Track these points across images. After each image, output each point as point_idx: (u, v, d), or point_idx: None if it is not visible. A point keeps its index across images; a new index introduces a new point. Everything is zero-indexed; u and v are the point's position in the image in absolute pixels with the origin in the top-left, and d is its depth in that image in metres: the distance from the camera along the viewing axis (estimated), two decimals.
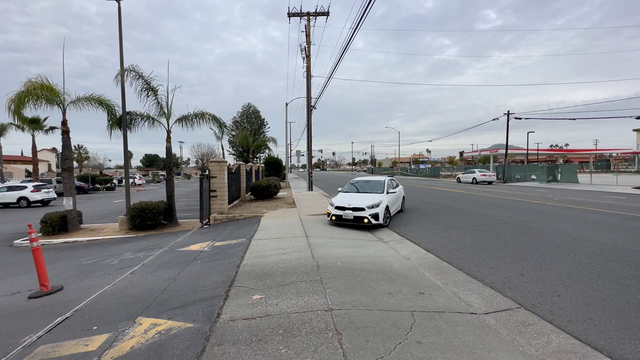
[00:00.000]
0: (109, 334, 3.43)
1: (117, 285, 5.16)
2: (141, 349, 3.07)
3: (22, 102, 9.68)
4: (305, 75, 20.90)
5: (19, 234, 10.56)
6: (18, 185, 21.51)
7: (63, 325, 3.81)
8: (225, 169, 12.00)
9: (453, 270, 5.32)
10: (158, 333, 3.36)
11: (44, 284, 5.08)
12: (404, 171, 62.72)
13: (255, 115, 48.82)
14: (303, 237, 7.56)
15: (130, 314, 3.90)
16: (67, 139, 10.64)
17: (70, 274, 6.22)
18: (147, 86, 11.01)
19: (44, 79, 10.12)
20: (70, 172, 10.73)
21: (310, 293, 4.13)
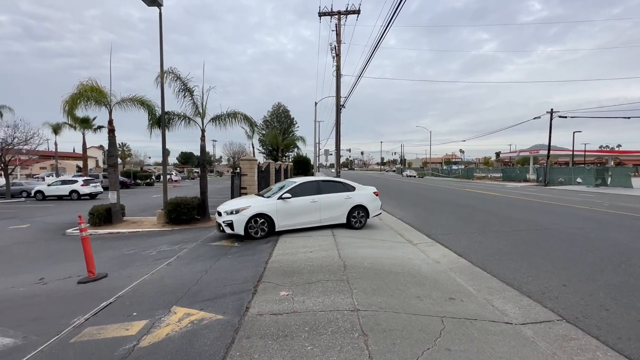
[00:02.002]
0: (147, 321, 3.65)
1: (155, 275, 5.48)
2: (175, 337, 3.23)
3: (74, 103, 10.55)
4: (335, 74, 20.87)
5: (70, 224, 11.53)
6: (70, 179, 23.54)
7: (107, 310, 4.11)
8: (255, 167, 12.31)
9: (486, 276, 5.07)
10: (191, 322, 3.53)
11: (91, 271, 5.51)
12: (435, 172, 60.75)
13: (285, 115, 49.62)
14: (330, 236, 7.57)
15: (166, 303, 4.13)
16: (113, 137, 11.44)
17: (114, 262, 6.69)
18: (184, 87, 11.55)
19: (93, 81, 10.96)
20: (115, 168, 11.55)
21: (336, 292, 4.13)
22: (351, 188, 8.77)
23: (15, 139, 22.23)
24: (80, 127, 30.78)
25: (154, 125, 12.13)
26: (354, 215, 8.48)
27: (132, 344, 3.15)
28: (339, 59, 20.66)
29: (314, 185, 8.51)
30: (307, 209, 8.09)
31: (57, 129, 34.09)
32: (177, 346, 3.05)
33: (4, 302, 4.84)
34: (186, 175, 58.30)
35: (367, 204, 8.63)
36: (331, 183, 8.81)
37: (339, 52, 20.65)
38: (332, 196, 8.40)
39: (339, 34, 20.46)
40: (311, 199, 8.16)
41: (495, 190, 23.05)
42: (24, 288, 5.47)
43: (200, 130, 12.07)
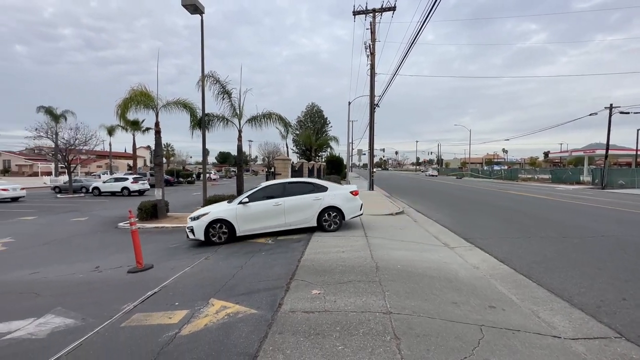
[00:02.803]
0: (188, 311, 3.88)
1: (195, 268, 5.80)
2: (213, 328, 3.40)
3: (126, 106, 11.48)
4: (369, 73, 20.62)
5: (122, 217, 12.56)
6: (122, 177, 25.67)
7: (153, 298, 4.43)
8: (289, 167, 12.55)
9: (532, 285, 4.73)
10: (227, 315, 3.69)
11: (139, 262, 5.97)
12: (475, 172, 57.70)
13: (318, 115, 49.96)
14: (362, 236, 7.50)
15: (205, 295, 4.35)
16: (159, 138, 12.27)
17: (159, 254, 7.18)
18: (222, 90, 12.10)
19: (142, 86, 11.84)
20: (160, 167, 12.39)
21: (368, 294, 4.08)
22: (322, 189, 8.24)
23: (77, 140, 24.71)
24: (130, 129, 33.39)
25: (195, 127, 12.82)
26: (326, 217, 8.03)
27: (174, 332, 3.36)
28: (373, 57, 20.39)
29: (280, 187, 8.19)
30: (270, 213, 7.80)
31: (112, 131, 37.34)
32: (215, 337, 3.21)
33: (68, 286, 5.41)
34: (224, 174, 60.92)
35: (341, 205, 8.07)
36: (300, 184, 8.43)
37: (373, 50, 20.38)
38: (297, 198, 7.97)
39: (373, 32, 20.19)
40: (274, 202, 7.84)
41: (542, 193, 21.38)
42: (83, 275, 6.07)
43: (237, 131, 12.55)
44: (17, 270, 6.55)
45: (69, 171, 24.97)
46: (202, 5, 11.26)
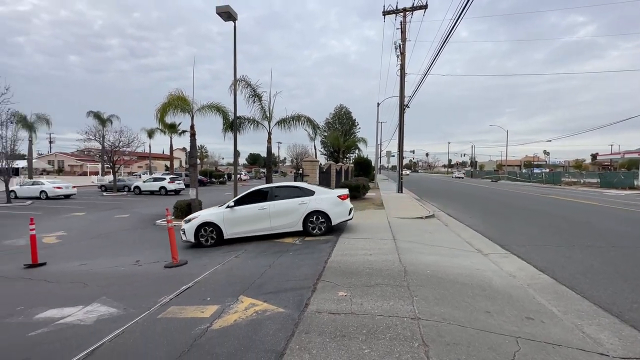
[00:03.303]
0: (218, 306, 4.03)
1: (225, 266, 6.01)
2: (242, 324, 3.51)
3: (165, 111, 12.17)
4: (399, 73, 20.26)
5: (159, 215, 13.31)
6: (160, 177, 27.21)
7: (186, 293, 4.65)
8: (317, 168, 12.64)
9: (575, 297, 4.39)
10: (255, 312, 3.79)
11: (174, 258, 6.30)
12: (512, 175, 54.56)
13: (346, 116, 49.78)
14: (390, 240, 7.38)
15: (235, 292, 4.50)
16: (194, 141, 12.87)
17: (192, 251, 7.52)
18: (253, 93, 12.46)
19: (179, 91, 12.49)
20: (194, 168, 12.98)
21: (396, 298, 4.01)
22: (310, 193, 8.18)
23: (121, 142, 26.58)
24: (168, 131, 35.33)
25: (227, 129, 13.31)
26: (312, 221, 7.99)
27: (206, 326, 3.51)
28: (403, 57, 20.02)
29: (267, 192, 8.27)
30: (256, 217, 7.88)
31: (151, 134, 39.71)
32: (243, 332, 3.31)
33: (111, 278, 5.83)
34: (254, 175, 62.55)
35: (327, 209, 7.98)
36: (287, 188, 8.41)
37: (403, 50, 20.01)
38: (283, 202, 8.00)
39: (403, 31, 19.82)
40: (259, 207, 7.92)
41: (589, 198, 19.76)
42: (124, 268, 6.51)
43: (267, 133, 12.86)
44: (69, 261, 7.16)
45: (114, 171, 26.89)
46: (235, 13, 11.68)
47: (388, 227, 8.94)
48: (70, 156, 60.26)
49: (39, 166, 47.92)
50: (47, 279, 5.84)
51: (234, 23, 12.03)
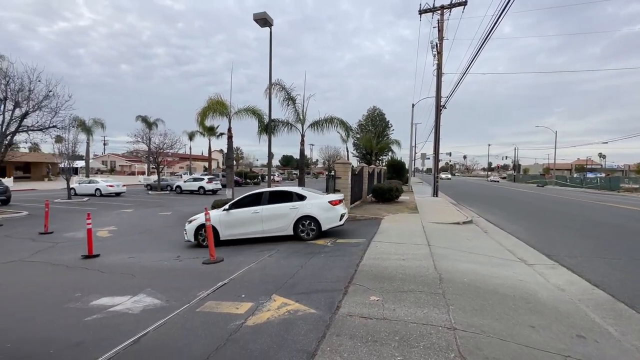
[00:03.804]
0: (252, 303, 4.16)
1: (259, 265, 6.19)
2: (274, 322, 3.59)
3: (205, 114, 12.84)
4: (436, 73, 19.62)
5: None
6: (199, 177, 28.69)
7: (223, 289, 4.85)
8: (349, 171, 12.59)
9: (636, 316, 3.96)
10: (288, 312, 3.86)
11: (212, 255, 6.60)
12: (562, 180, 50.34)
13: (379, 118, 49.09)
14: (425, 245, 7.15)
15: (268, 291, 4.62)
16: (231, 143, 13.44)
17: (228, 249, 7.82)
18: (288, 97, 12.73)
19: (218, 96, 13.12)
20: (231, 169, 13.55)
21: (430, 306, 3.88)
22: (301, 198, 8.25)
23: (165, 144, 28.39)
24: (207, 134, 37.15)
25: (262, 132, 13.71)
26: (302, 225, 8.04)
27: (240, 322, 3.64)
28: (440, 56, 19.36)
29: (261, 196, 8.40)
30: (249, 220, 8.08)
31: (192, 136, 42.00)
32: (276, 330, 3.39)
33: (156, 271, 6.25)
34: (286, 176, 63.72)
35: (317, 215, 8.00)
36: (280, 193, 8.47)
37: (440, 49, 19.35)
38: (275, 207, 8.14)
39: (441, 30, 19.18)
40: (253, 210, 8.09)
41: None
42: (167, 262, 6.94)
43: (300, 135, 13.06)
44: (119, 254, 7.78)
45: (158, 171, 28.79)
46: (271, 19, 12.03)
47: (422, 232, 8.67)
48: (120, 157, 65.52)
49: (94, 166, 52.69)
50: (100, 269, 6.39)
51: (270, 29, 12.39)
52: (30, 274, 6.28)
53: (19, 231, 10.61)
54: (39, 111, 13.84)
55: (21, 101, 13.34)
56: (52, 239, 9.51)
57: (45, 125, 14.29)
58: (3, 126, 13.40)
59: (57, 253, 7.85)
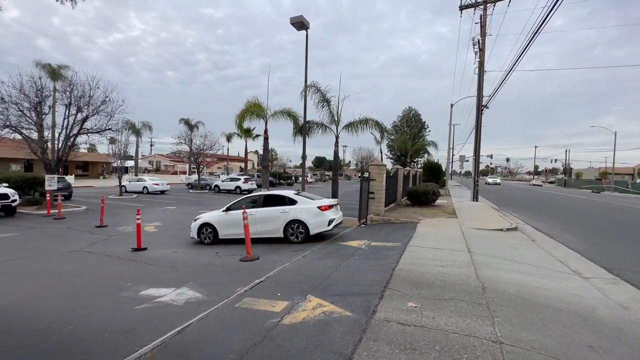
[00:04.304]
0: (288, 302, 4.22)
1: (293, 264, 6.26)
2: (310, 322, 3.61)
3: (243, 117, 13.32)
4: (477, 71, 18.67)
5: None
6: (235, 177, 29.81)
7: (259, 286, 4.97)
8: (384, 173, 12.36)
9: None
10: (323, 313, 3.86)
11: (249, 253, 6.81)
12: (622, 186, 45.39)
13: (415, 119, 47.78)
14: (465, 251, 6.80)
15: (303, 291, 4.65)
16: (267, 144, 13.80)
17: (263, 248, 8.01)
18: (323, 98, 12.81)
19: (255, 99, 13.54)
20: (266, 170, 13.91)
21: (473, 316, 3.67)
22: (292, 202, 8.51)
23: (205, 145, 29.86)
24: (244, 135, 38.40)
25: (297, 133, 13.92)
26: (292, 229, 8.31)
27: (277, 320, 3.70)
28: (482, 54, 18.41)
29: (257, 199, 8.84)
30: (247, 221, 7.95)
31: (229, 138, 43.78)
32: (312, 331, 3.40)
33: (197, 266, 6.57)
34: (319, 177, 64.11)
35: (305, 219, 8.24)
36: (273, 197, 8.83)
37: (482, 46, 18.40)
38: (267, 210, 8.51)
39: (483, 25, 18.24)
40: (248, 213, 8.04)
41: None
42: (207, 258, 7.27)
43: (335, 137, 13.07)
44: (164, 248, 8.29)
45: (198, 171, 30.34)
46: (307, 22, 12.19)
47: (462, 238, 8.26)
48: (165, 157, 69.99)
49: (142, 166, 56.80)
50: (148, 262, 6.85)
51: (306, 32, 12.55)
52: (88, 264, 6.90)
53: (78, 224, 11.72)
54: (97, 115, 15.23)
55: (82, 106, 14.77)
56: (106, 232, 10.37)
57: (102, 128, 15.68)
58: (67, 129, 14.91)
59: (110, 245, 8.55)
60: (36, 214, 13.72)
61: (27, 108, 14.14)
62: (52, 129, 15.49)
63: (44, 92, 14.55)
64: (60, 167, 15.64)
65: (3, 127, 13.82)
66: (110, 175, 44.49)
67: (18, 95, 13.82)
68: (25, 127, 14.38)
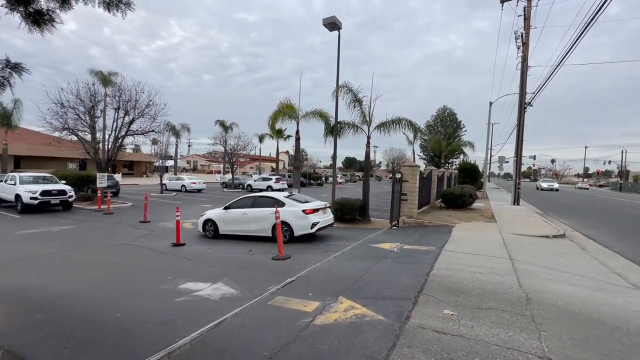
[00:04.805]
0: (319, 303, 4.22)
1: (324, 265, 6.27)
2: (342, 324, 3.58)
3: (275, 118, 13.56)
4: (520, 66, 17.57)
5: None
6: (267, 177, 30.53)
7: (291, 285, 5.03)
8: (417, 174, 12.02)
9: None
10: (355, 316, 3.81)
11: (280, 252, 6.91)
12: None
13: (450, 118, 46.00)
14: (506, 259, 6.41)
15: (334, 292, 4.64)
16: (298, 145, 13.94)
17: (294, 247, 8.10)
18: (354, 98, 12.68)
19: (288, 100, 13.73)
20: (298, 170, 14.06)
21: (516, 328, 3.44)
22: (281, 204, 8.76)
23: (238, 146, 30.87)
24: (275, 136, 39.22)
25: (328, 134, 13.92)
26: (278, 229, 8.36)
27: (308, 320, 3.72)
28: (526, 48, 17.30)
29: (251, 200, 9.37)
30: (240, 220, 9.14)
31: (262, 138, 44.93)
32: (344, 333, 3.37)
33: (231, 262, 6.79)
34: (349, 178, 63.77)
35: (290, 222, 8.55)
36: (265, 199, 9.26)
37: (526, 40, 17.29)
38: (259, 210, 8.92)
39: (527, 18, 17.13)
40: (242, 212, 9.11)
41: None
42: (240, 255, 7.49)
43: (366, 137, 12.90)
44: (200, 245, 8.67)
45: (232, 170, 31.43)
46: (340, 22, 12.16)
47: (502, 244, 7.80)
48: (201, 157, 73.33)
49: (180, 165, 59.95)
50: (186, 257, 7.20)
51: (338, 32, 12.53)
52: (133, 256, 7.39)
53: (124, 219, 12.61)
54: (142, 118, 16.33)
55: (129, 110, 15.90)
56: (149, 227, 11.06)
57: (146, 130, 16.78)
58: (116, 131, 16.13)
59: (153, 239, 9.10)
60: (89, 208, 14.97)
61: (82, 112, 15.50)
62: (103, 131, 16.84)
63: (96, 97, 15.88)
64: (110, 166, 16.93)
65: (62, 129, 15.25)
66: (153, 174, 47.52)
67: (75, 100, 15.21)
68: (80, 130, 15.78)
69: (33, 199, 13.00)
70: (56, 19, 4.27)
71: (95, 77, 19.24)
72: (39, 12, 4.16)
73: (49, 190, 13.54)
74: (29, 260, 6.75)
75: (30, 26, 4.14)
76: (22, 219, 11.99)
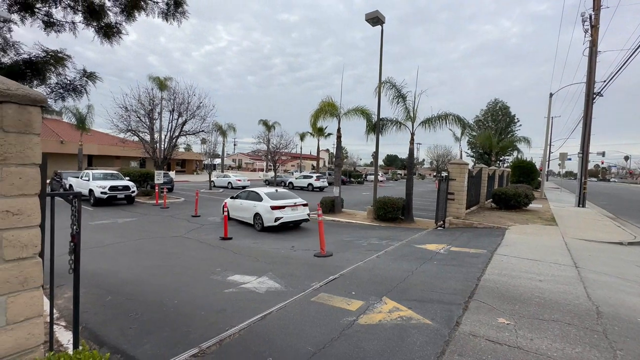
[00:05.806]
0: (363, 302, 4.17)
1: (367, 264, 6.18)
2: (387, 326, 3.50)
3: (317, 116, 13.66)
4: (588, 52, 15.71)
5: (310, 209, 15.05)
6: (308, 175, 30.95)
7: (333, 283, 5.04)
8: (465, 172, 11.35)
9: None
10: (400, 317, 3.71)
11: (322, 249, 6.96)
12: None
13: (502, 112, 42.65)
14: (571, 266, 5.79)
15: (378, 292, 4.56)
16: (339, 143, 13.91)
17: (336, 245, 8.12)
18: (398, 94, 12.31)
19: (329, 98, 13.75)
20: (339, 168, 14.03)
21: (585, 344, 3.09)
22: (260, 199, 10.50)
23: (281, 144, 31.69)
24: (317, 134, 39.58)
25: (370, 131, 13.69)
26: (256, 219, 10.43)
27: (352, 318, 3.69)
28: (595, 31, 15.43)
29: (246, 193, 11.37)
30: (238, 208, 11.25)
31: (303, 137, 45.65)
32: (389, 335, 3.29)
33: (274, 257, 6.99)
34: (390, 176, 62.26)
35: (262, 214, 10.12)
36: (252, 193, 11.06)
37: (596, 21, 15.42)
38: (247, 202, 10.93)
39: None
40: (240, 202, 11.24)
41: None
42: (283, 250, 7.68)
43: (410, 134, 12.47)
44: (245, 239, 9.05)
45: (275, 168, 32.37)
46: (383, 16, 11.87)
47: (565, 250, 7.06)
48: (246, 155, 76.61)
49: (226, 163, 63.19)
50: (233, 250, 7.57)
51: (381, 27, 12.24)
52: (187, 248, 7.95)
53: (178, 213, 13.62)
54: (193, 119, 17.47)
55: (182, 112, 17.10)
56: (199, 221, 11.82)
57: (197, 130, 17.93)
58: (171, 131, 17.46)
59: (203, 233, 9.71)
60: (148, 203, 16.41)
61: (143, 115, 17.01)
62: (159, 132, 18.32)
63: (154, 101, 17.32)
64: (165, 164, 18.39)
65: (126, 131, 16.89)
66: (202, 171, 50.75)
67: (136, 104, 16.74)
68: (141, 131, 17.35)
69: (103, 193, 14.62)
70: (122, 31, 4.73)
71: (153, 83, 20.97)
72: (109, 25, 4.64)
73: (115, 186, 15.11)
74: (100, 249, 7.58)
75: (102, 38, 4.63)
76: (94, 211, 13.51)
